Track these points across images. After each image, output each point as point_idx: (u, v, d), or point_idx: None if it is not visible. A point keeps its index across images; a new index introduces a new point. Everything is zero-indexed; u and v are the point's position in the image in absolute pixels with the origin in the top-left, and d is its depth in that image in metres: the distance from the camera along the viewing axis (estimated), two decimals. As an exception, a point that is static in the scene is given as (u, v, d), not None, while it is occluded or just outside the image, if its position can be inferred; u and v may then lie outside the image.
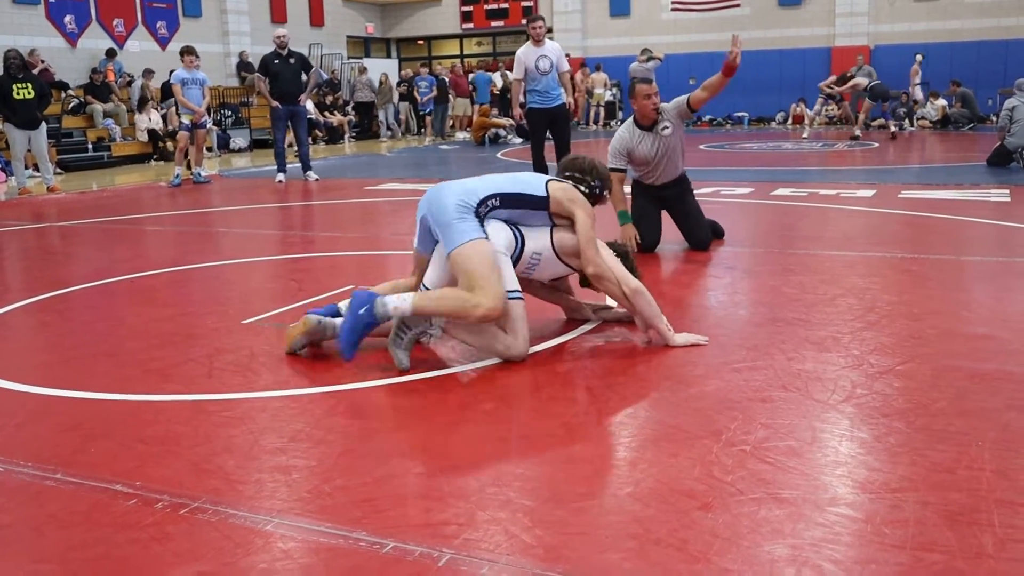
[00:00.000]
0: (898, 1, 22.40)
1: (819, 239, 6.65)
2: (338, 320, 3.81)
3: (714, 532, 2.26)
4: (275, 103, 12.06)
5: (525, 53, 9.70)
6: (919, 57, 19.74)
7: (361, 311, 3.55)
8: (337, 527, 2.33)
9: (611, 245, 4.23)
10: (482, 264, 3.59)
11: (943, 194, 8.85)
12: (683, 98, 6.09)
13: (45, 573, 2.16)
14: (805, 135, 18.09)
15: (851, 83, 17.46)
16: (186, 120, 12.43)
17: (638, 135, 6.13)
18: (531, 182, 3.96)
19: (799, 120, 20.50)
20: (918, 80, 19.50)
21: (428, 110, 21.49)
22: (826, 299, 4.69)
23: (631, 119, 6.22)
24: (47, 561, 2.22)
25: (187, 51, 12.35)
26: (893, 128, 17.46)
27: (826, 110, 20.67)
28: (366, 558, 2.18)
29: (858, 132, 17.05)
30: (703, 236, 6.29)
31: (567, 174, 4.28)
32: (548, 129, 9.97)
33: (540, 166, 10.10)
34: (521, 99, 9.94)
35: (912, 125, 19.94)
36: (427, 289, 3.85)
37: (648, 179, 6.33)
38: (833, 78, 18.52)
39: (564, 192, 3.97)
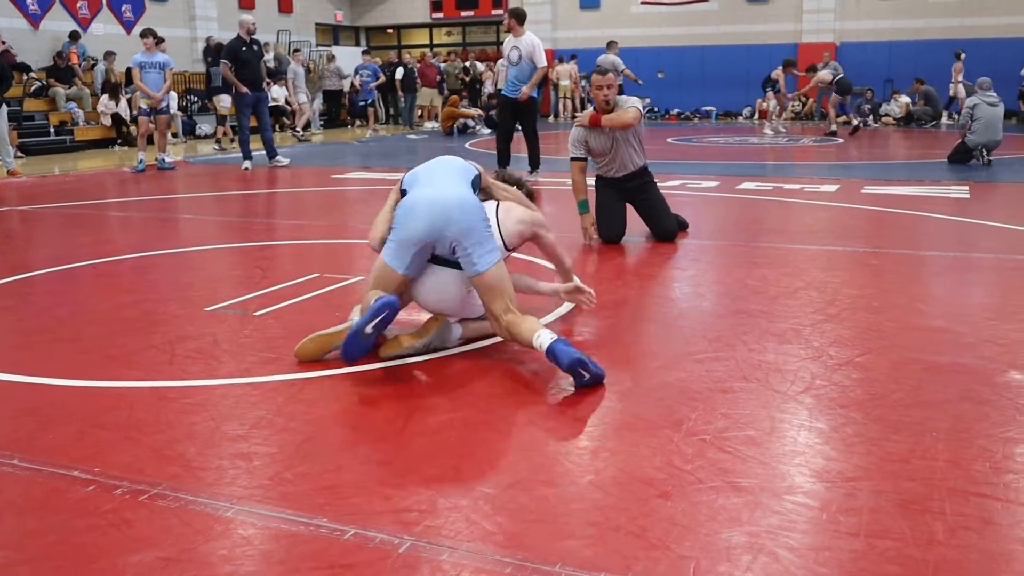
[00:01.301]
0: (864, -1, 22.62)
1: (783, 232, 6.71)
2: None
3: (673, 520, 2.28)
4: (244, 89, 11.97)
5: (505, 43, 10.18)
6: (962, 55, 19.85)
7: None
8: (298, 514, 2.33)
9: (504, 177, 4.31)
10: (510, 283, 3.65)
11: (905, 190, 8.97)
12: (636, 103, 6.13)
13: (1, 560, 2.14)
14: (768, 131, 18.21)
15: (816, 78, 17.61)
16: (144, 105, 12.33)
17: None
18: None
19: (765, 115, 20.63)
20: (960, 78, 19.62)
21: (369, 100, 20.31)
22: (788, 292, 4.75)
23: (591, 109, 6.25)
24: (3, 548, 2.20)
25: (144, 34, 12.23)
26: (856, 121, 17.64)
27: (791, 106, 20.83)
28: (327, 544, 2.18)
29: (834, 127, 17.31)
30: (669, 227, 6.33)
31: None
32: (516, 120, 10.10)
33: (504, 156, 10.25)
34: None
35: (876, 122, 20.14)
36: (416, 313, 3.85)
37: (607, 172, 6.36)
38: (779, 70, 18.71)
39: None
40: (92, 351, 3.86)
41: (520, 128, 10.35)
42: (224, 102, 15.54)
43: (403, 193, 3.84)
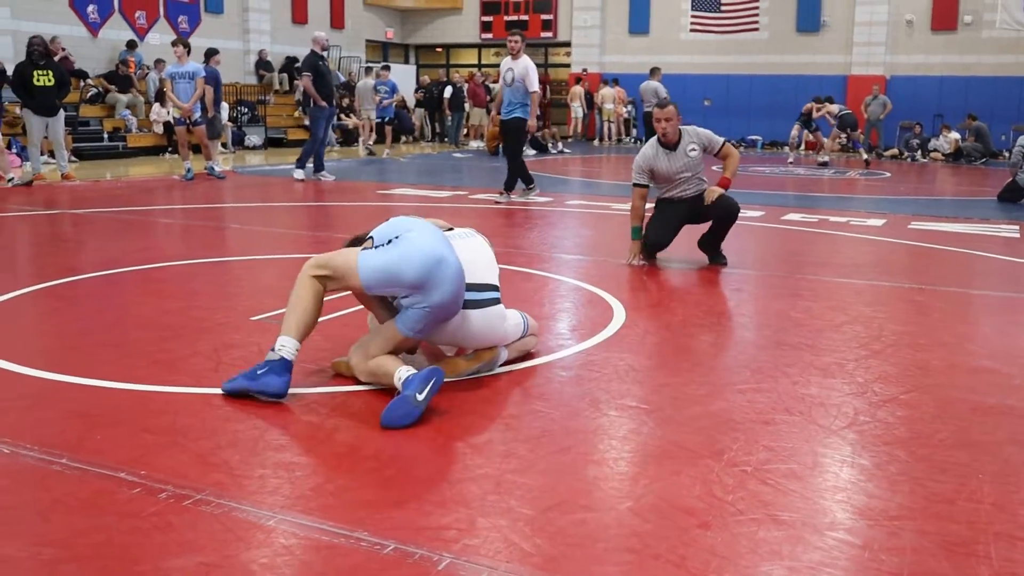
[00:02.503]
0: (916, 33, 22.44)
1: (827, 265, 6.66)
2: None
3: (713, 550, 2.27)
4: (323, 103, 12.20)
5: (502, 64, 10.32)
6: None
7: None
8: (339, 526, 2.35)
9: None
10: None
11: (953, 227, 8.87)
12: (718, 140, 6.29)
13: (48, 556, 2.18)
14: (821, 160, 18.12)
15: (824, 110, 17.86)
16: (176, 115, 12.56)
17: (662, 153, 6.30)
18: None
19: (812, 146, 20.51)
20: None
21: (386, 117, 18.91)
22: (832, 325, 4.71)
23: (656, 138, 6.33)
24: (51, 545, 2.24)
25: (175, 43, 12.43)
26: (865, 156, 17.74)
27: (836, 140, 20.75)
28: (367, 558, 2.20)
29: (825, 158, 17.69)
30: (733, 205, 6.34)
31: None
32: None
33: (524, 176, 10.44)
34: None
35: (925, 157, 19.95)
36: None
37: (669, 195, 6.46)
38: (811, 105, 18.71)
39: None
40: (139, 355, 3.92)
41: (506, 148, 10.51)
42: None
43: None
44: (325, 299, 3.52)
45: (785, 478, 2.72)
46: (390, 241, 3.48)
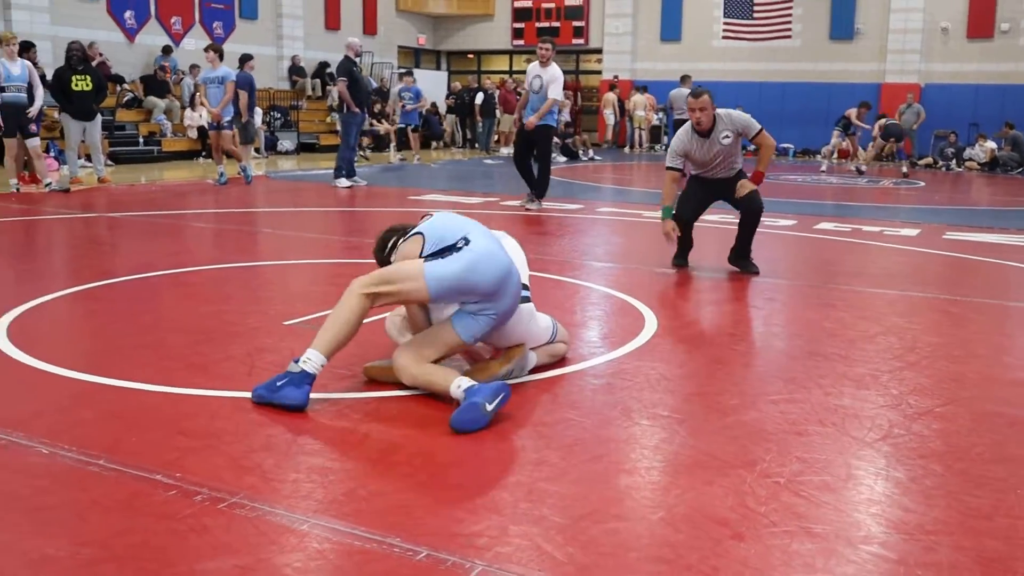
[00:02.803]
0: (952, 40, 22.23)
1: (861, 275, 6.60)
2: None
3: (745, 562, 2.26)
4: (356, 108, 12.26)
5: (528, 70, 10.32)
6: None
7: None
8: (371, 531, 2.36)
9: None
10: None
11: (989, 237, 8.77)
12: (755, 126, 6.20)
13: (87, 556, 2.21)
14: (857, 167, 18.00)
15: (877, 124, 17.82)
16: (209, 119, 12.74)
17: (695, 140, 6.28)
18: None
19: (845, 154, 20.37)
20: None
21: (411, 124, 18.52)
22: (866, 336, 4.67)
23: (690, 124, 6.31)
24: (89, 545, 2.27)
25: (207, 48, 12.63)
26: (904, 169, 17.55)
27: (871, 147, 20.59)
28: (399, 563, 2.21)
29: (863, 167, 17.56)
30: (757, 204, 6.34)
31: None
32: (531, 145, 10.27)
33: (529, 180, 10.42)
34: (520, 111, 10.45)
35: (959, 166, 19.75)
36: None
37: (705, 174, 6.47)
38: (854, 110, 18.50)
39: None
40: (174, 358, 3.96)
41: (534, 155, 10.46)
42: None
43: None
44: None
45: (819, 490, 2.70)
46: (455, 246, 3.43)
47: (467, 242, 3.44)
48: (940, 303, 5.61)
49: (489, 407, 3.13)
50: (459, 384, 3.26)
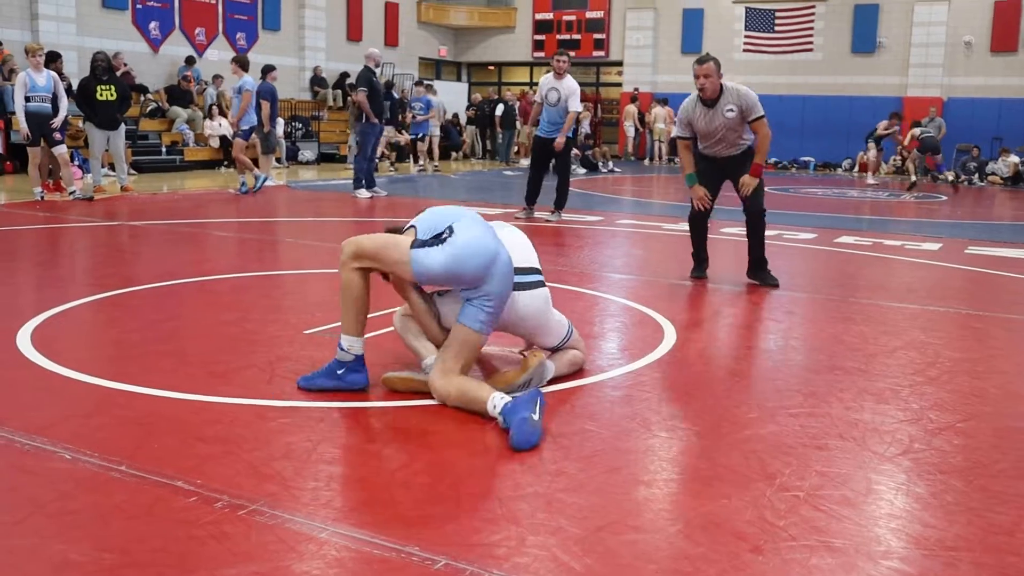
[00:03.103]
0: (975, 54, 22.12)
1: (881, 289, 6.57)
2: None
3: (764, 576, 2.25)
4: (375, 119, 12.28)
5: (543, 82, 10.23)
6: None
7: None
8: (390, 540, 2.37)
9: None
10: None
11: (1012, 252, 8.70)
12: (758, 110, 6.13)
13: (109, 561, 2.23)
14: (871, 181, 17.92)
15: (910, 134, 17.58)
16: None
17: (700, 109, 6.24)
18: None
19: (866, 168, 20.28)
20: None
21: (420, 134, 18.35)
22: (886, 351, 4.65)
23: (696, 93, 6.28)
24: (111, 550, 2.28)
25: (232, 60, 12.84)
26: (951, 179, 17.39)
27: (893, 160, 20.50)
28: (418, 573, 2.21)
29: (914, 178, 17.09)
30: (756, 207, 6.32)
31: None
32: (551, 159, 10.28)
33: (533, 192, 10.47)
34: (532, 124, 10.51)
35: (982, 180, 19.63)
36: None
37: (708, 151, 6.40)
38: (884, 123, 18.38)
39: None
40: (195, 366, 3.99)
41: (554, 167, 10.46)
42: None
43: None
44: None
45: (838, 504, 2.69)
46: (440, 236, 3.51)
47: (451, 232, 3.53)
48: (962, 318, 5.58)
49: (536, 417, 3.15)
50: (494, 404, 3.28)
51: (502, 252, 3.57)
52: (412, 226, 3.69)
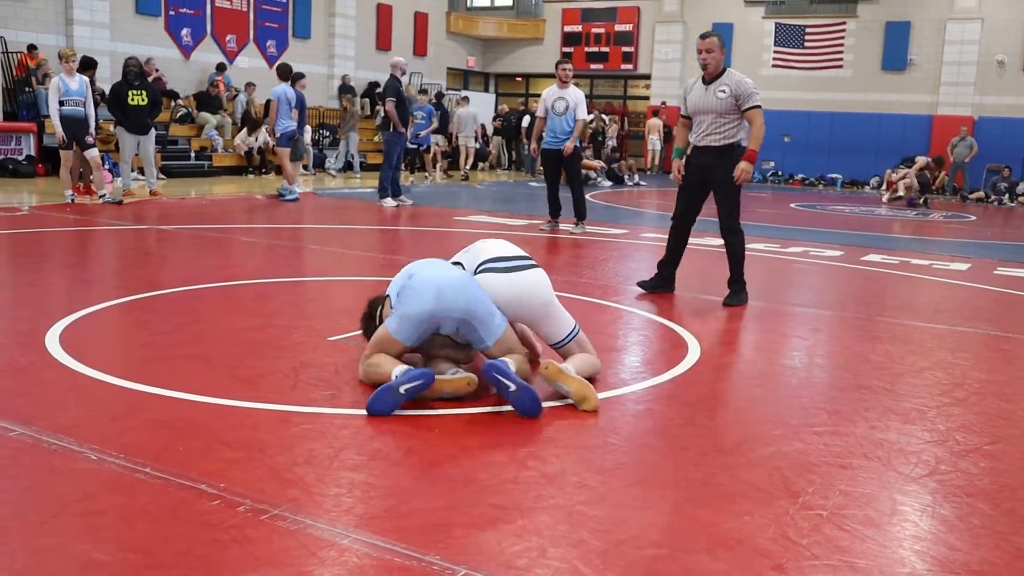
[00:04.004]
0: (1007, 73, 21.93)
1: (908, 309, 6.52)
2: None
3: (786, 594, 2.24)
4: (402, 128, 12.34)
5: (548, 93, 10.19)
6: None
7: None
8: (411, 548, 2.37)
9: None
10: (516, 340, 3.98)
11: (1041, 274, 8.61)
12: (752, 99, 6.02)
13: (134, 562, 2.25)
14: (897, 195, 17.87)
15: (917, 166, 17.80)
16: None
17: (698, 85, 6.24)
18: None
19: (892, 185, 20.15)
20: None
21: (424, 145, 17.80)
22: (913, 371, 4.61)
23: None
24: (136, 551, 2.30)
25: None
26: (921, 200, 17.57)
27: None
28: (438, 582, 2.21)
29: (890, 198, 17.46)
30: (724, 222, 6.27)
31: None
32: (560, 168, 10.31)
33: (555, 206, 10.46)
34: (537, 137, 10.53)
35: (1012, 201, 19.44)
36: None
37: (694, 138, 6.31)
38: (924, 161, 18.53)
39: None
40: (220, 370, 4.02)
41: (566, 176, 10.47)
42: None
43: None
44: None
45: (862, 524, 2.67)
46: (399, 295, 3.80)
47: (405, 288, 3.80)
48: (990, 339, 5.52)
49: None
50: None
51: (449, 276, 3.79)
52: (388, 295, 3.96)
